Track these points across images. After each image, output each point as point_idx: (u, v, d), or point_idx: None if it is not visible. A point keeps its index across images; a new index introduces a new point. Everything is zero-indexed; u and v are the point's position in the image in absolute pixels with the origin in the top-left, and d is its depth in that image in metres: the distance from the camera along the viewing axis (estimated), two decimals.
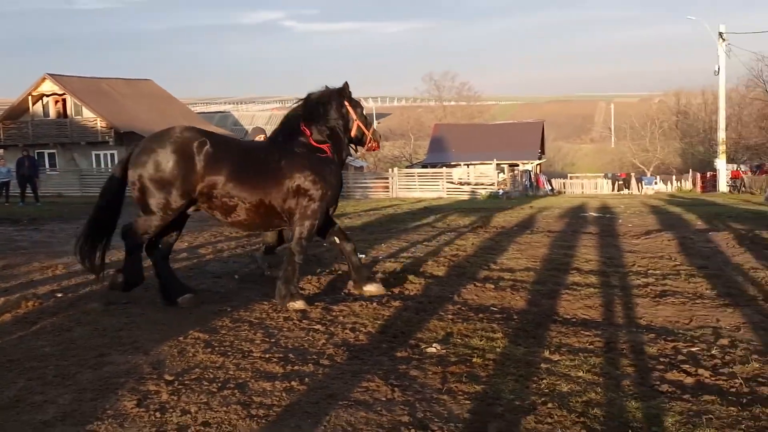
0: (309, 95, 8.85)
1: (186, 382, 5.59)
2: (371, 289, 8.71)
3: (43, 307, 8.25)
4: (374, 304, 8.13)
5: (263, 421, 4.81)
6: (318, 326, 7.23)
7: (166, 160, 7.83)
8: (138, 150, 8.06)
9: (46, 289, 9.36)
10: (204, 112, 66.82)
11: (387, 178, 42.87)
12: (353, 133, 8.86)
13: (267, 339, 6.79)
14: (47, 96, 48.97)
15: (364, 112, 9.16)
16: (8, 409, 5.14)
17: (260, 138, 10.26)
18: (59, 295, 8.94)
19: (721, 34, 42.60)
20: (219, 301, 8.50)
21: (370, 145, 9.05)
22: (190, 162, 7.89)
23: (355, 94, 9.03)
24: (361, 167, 62.64)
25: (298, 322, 7.39)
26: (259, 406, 5.07)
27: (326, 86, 8.85)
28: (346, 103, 8.80)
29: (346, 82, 8.90)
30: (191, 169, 7.89)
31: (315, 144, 8.54)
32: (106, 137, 47.10)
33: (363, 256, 11.59)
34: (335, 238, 8.91)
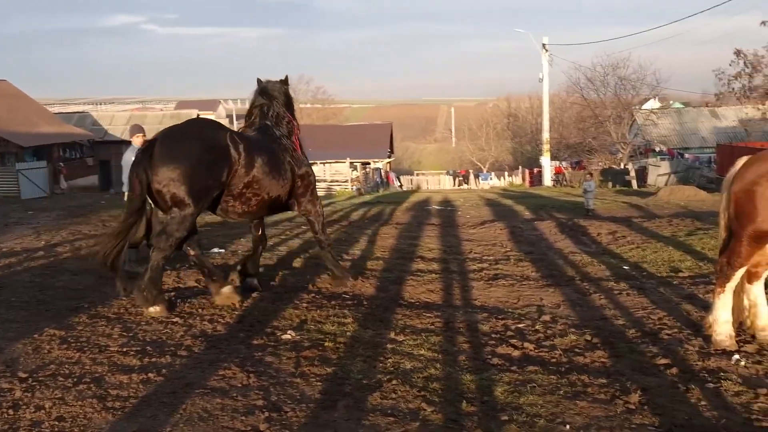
0: (282, 82, 8.56)
1: (40, 378, 5.25)
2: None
3: None
4: None
5: (119, 412, 4.59)
6: (176, 319, 6.99)
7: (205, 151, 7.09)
8: (166, 147, 7.15)
9: None
10: (62, 113, 62.89)
11: None
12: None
13: (125, 333, 6.49)
14: None
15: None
16: None
17: (139, 137, 9.79)
18: None
19: (544, 45, 44.84)
20: (76, 297, 8.04)
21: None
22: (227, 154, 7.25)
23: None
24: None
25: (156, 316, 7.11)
26: (115, 398, 4.84)
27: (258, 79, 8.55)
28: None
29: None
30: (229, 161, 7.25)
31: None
32: None
33: (222, 250, 11.34)
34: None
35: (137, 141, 9.79)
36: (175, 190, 6.98)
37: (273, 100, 8.48)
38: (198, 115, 57.07)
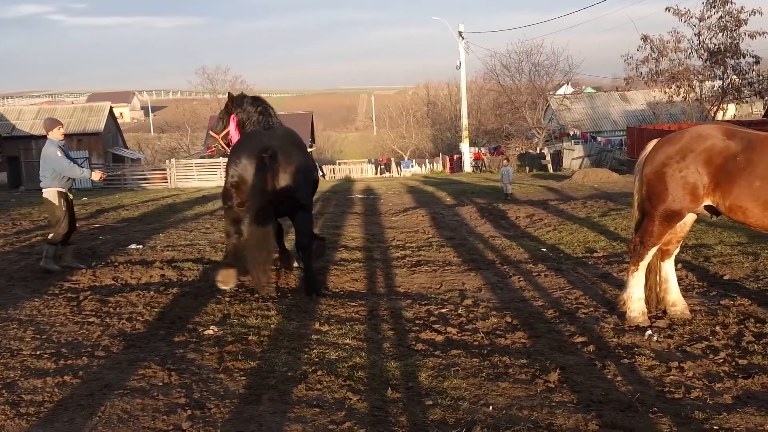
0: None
1: None
2: None
3: None
4: (152, 292, 7.75)
5: (34, 418, 4.42)
6: (93, 319, 6.76)
7: None
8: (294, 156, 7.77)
9: None
10: None
11: (165, 170, 41.10)
12: None
13: (38, 336, 6.24)
14: None
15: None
16: None
17: (59, 129, 9.39)
18: None
19: (461, 33, 45.31)
20: None
21: None
22: None
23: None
24: (138, 159, 59.62)
25: (71, 317, 6.87)
26: (29, 404, 4.64)
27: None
28: None
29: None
30: None
31: None
32: None
33: (141, 246, 11.04)
34: None
35: (58, 134, 9.37)
36: (307, 193, 7.91)
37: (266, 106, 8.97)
38: (111, 107, 55.39)
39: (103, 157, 49.63)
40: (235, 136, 8.84)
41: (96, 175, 9.49)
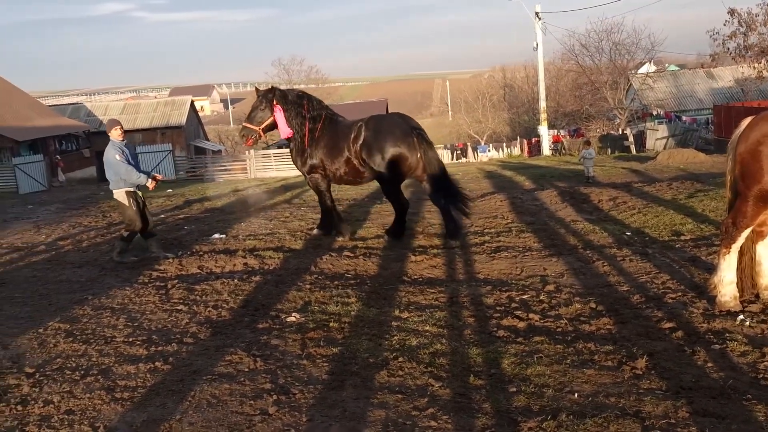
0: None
1: (47, 372, 5.27)
2: None
3: None
4: (236, 280, 7.96)
5: (128, 403, 4.61)
6: (181, 307, 7.00)
7: None
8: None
9: None
10: (56, 105, 62.64)
11: (244, 160, 41.98)
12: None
13: (130, 323, 6.51)
14: None
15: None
16: None
17: (117, 129, 9.74)
18: None
19: (537, 13, 44.42)
20: (80, 290, 8.05)
21: None
22: None
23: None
24: (219, 151, 61.04)
25: (160, 305, 7.13)
26: (123, 389, 4.85)
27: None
28: None
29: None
30: None
31: None
32: None
33: (223, 236, 11.33)
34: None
35: (116, 134, 9.66)
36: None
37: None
38: (192, 101, 56.88)
39: (186, 149, 51.11)
40: (283, 127, 10.18)
41: (150, 184, 9.64)
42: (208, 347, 5.69)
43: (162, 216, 15.13)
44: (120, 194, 9.56)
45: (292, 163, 11.16)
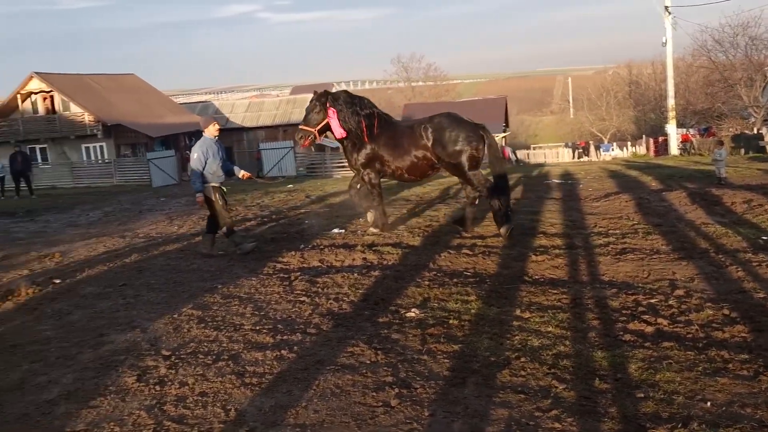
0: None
1: (182, 356, 5.58)
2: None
3: (42, 294, 8.16)
4: (355, 274, 8.13)
5: (257, 388, 4.82)
6: (304, 298, 7.22)
7: None
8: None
9: (45, 276, 9.24)
10: (186, 103, 65.82)
11: None
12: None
13: (256, 312, 6.78)
14: (35, 93, 47.92)
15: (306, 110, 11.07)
16: (14, 391, 5.11)
17: (214, 126, 10.17)
18: (57, 281, 8.84)
19: (666, 8, 42.59)
20: (210, 279, 8.45)
21: None
22: None
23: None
24: (337, 148, 62.35)
25: (284, 295, 7.38)
26: (252, 375, 5.07)
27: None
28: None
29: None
30: None
31: None
32: (94, 130, 46.28)
33: (343, 230, 11.57)
34: None
35: (213, 130, 10.11)
36: None
37: None
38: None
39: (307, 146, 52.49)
40: (337, 128, 10.71)
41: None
42: (331, 338, 5.85)
43: (284, 211, 15.64)
44: (207, 189, 9.93)
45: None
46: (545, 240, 10.03)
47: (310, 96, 11.48)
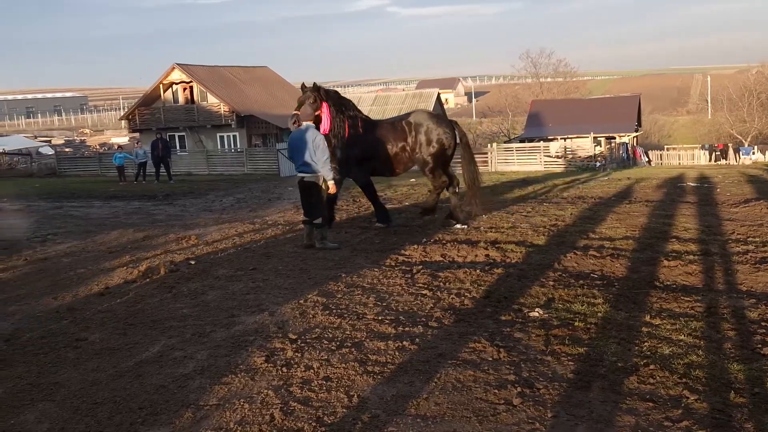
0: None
1: (308, 340, 5.76)
2: None
3: (179, 274, 8.64)
4: (478, 271, 8.09)
5: (379, 377, 4.90)
6: (425, 291, 7.27)
7: None
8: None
9: (182, 257, 9.78)
10: None
11: (486, 153, 42.24)
12: None
13: (379, 303, 6.89)
14: (176, 84, 50.67)
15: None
16: (152, 363, 5.44)
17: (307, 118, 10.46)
18: (193, 262, 9.33)
19: None
20: (334, 267, 8.66)
21: None
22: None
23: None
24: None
25: (406, 288, 7.45)
26: (374, 363, 5.17)
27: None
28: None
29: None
30: None
31: None
32: (229, 120, 48.45)
33: (465, 226, 11.54)
34: None
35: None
36: None
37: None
38: (438, 93, 58.32)
39: None
40: (326, 122, 11.03)
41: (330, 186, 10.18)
42: (452, 333, 5.86)
43: (406, 204, 15.78)
44: (319, 178, 10.05)
45: (525, 156, 12.20)
46: (678, 245, 9.61)
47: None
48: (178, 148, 48.95)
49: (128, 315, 6.89)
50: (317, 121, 11.01)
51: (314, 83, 11.51)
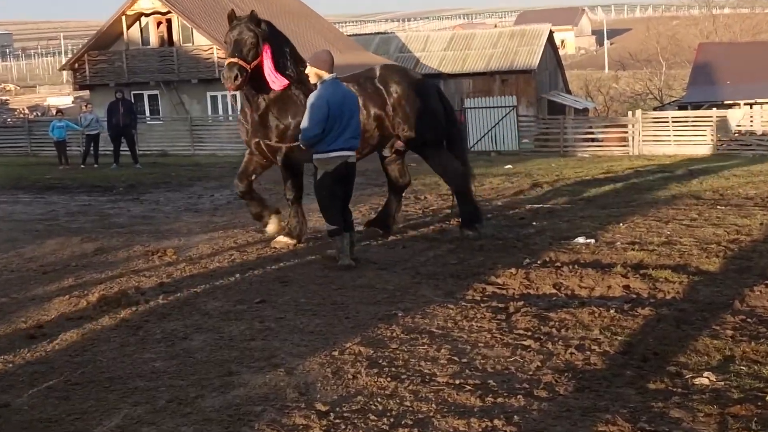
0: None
1: (345, 414, 5.76)
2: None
3: (150, 307, 8.75)
4: (611, 311, 8.02)
5: None
6: (529, 341, 7.23)
7: None
8: None
9: (153, 281, 9.91)
10: (358, 35, 68.02)
11: (625, 126, 41.72)
12: None
13: (456, 358, 6.87)
14: (146, 15, 50.83)
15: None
16: None
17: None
18: (170, 289, 9.44)
19: None
20: (386, 302, 8.68)
21: None
22: None
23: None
24: (585, 110, 61.52)
25: (499, 336, 7.43)
26: None
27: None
28: None
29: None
30: None
31: None
32: None
33: (592, 240, 11.46)
34: None
35: None
36: None
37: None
38: (551, 31, 57.97)
39: (536, 105, 52.37)
40: (270, 74, 10.94)
41: None
42: (572, 408, 5.81)
43: (499, 204, 15.73)
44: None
45: (687, 132, 11.64)
46: None
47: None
48: (147, 113, 49.61)
49: (72, 369, 7.00)
50: (255, 75, 11.01)
51: (252, 12, 11.45)
